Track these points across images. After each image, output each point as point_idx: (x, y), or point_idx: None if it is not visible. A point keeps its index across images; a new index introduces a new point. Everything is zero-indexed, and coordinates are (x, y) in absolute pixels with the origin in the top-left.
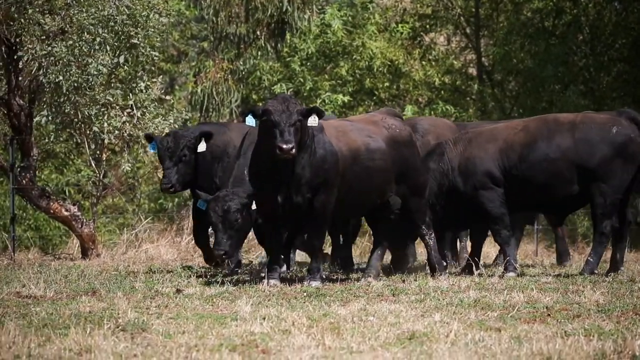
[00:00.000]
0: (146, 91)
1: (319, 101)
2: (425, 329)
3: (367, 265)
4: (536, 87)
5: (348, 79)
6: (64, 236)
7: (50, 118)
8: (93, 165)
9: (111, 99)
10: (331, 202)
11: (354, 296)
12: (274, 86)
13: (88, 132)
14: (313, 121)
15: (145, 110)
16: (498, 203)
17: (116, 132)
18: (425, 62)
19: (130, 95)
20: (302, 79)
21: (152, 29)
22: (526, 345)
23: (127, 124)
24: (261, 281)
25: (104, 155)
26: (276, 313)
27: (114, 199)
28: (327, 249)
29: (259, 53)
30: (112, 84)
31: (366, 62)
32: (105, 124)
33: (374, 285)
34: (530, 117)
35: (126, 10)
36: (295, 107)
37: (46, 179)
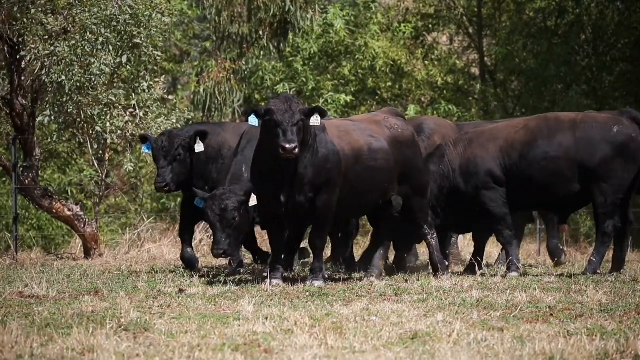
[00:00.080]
0: (149, 91)
1: (322, 101)
2: (427, 329)
3: (370, 265)
4: (539, 87)
5: (350, 79)
6: (67, 236)
7: (52, 118)
8: (96, 165)
9: (114, 99)
10: (333, 202)
11: (357, 296)
12: (277, 86)
13: (91, 132)
14: (315, 121)
15: (147, 110)
16: (500, 203)
17: (119, 132)
18: (427, 62)
19: (132, 95)
20: (305, 79)
21: (155, 29)
22: (529, 345)
23: (130, 124)
24: (264, 281)
25: (107, 155)
26: (279, 313)
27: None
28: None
29: (262, 53)
30: (115, 84)
31: (369, 62)
32: (107, 124)
33: (377, 285)
34: (531, 116)
35: (129, 10)
36: (297, 107)
37: (49, 179)
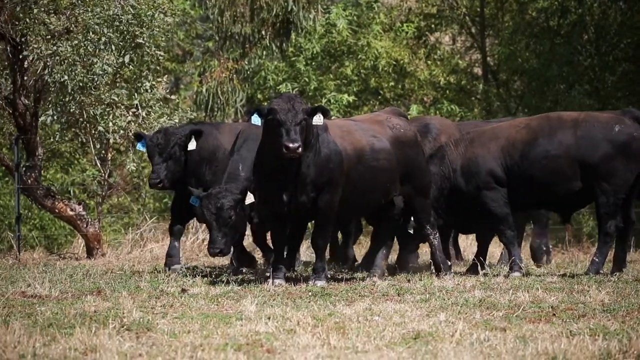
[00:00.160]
0: (151, 91)
1: (324, 101)
2: (430, 329)
3: (372, 264)
4: (541, 87)
5: (353, 79)
6: (69, 236)
7: (55, 117)
8: (98, 164)
9: (116, 99)
10: (335, 202)
11: (359, 296)
12: (279, 86)
13: (93, 132)
14: (318, 120)
15: (150, 109)
16: (501, 202)
17: (121, 132)
18: (430, 62)
19: (135, 94)
20: (307, 79)
21: (157, 29)
22: (531, 344)
23: (132, 124)
24: (266, 281)
25: (109, 154)
26: (281, 312)
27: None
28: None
29: (264, 53)
30: (117, 84)
31: (371, 62)
32: (110, 124)
33: (379, 284)
34: (534, 116)
35: (131, 9)
36: (300, 106)
37: (51, 179)
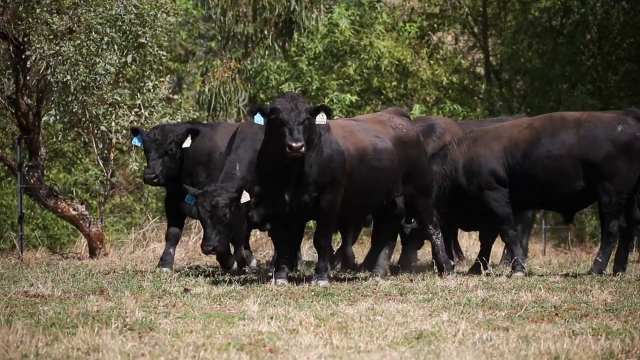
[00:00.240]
0: (154, 90)
1: (327, 100)
2: (432, 329)
3: (375, 264)
4: (544, 87)
5: (355, 79)
6: (72, 235)
7: (58, 117)
8: (101, 164)
9: (119, 98)
10: (338, 202)
11: (362, 295)
12: (282, 85)
13: (96, 132)
14: (321, 119)
15: (152, 109)
16: (503, 202)
17: (124, 132)
18: (432, 62)
19: (137, 94)
20: (310, 79)
21: (160, 28)
22: (534, 344)
23: (135, 123)
24: (268, 280)
25: (112, 154)
26: (284, 312)
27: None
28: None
29: (267, 52)
30: (120, 83)
31: (374, 62)
32: (113, 123)
33: (382, 284)
34: (537, 116)
35: (134, 9)
36: (303, 106)
37: (54, 178)
